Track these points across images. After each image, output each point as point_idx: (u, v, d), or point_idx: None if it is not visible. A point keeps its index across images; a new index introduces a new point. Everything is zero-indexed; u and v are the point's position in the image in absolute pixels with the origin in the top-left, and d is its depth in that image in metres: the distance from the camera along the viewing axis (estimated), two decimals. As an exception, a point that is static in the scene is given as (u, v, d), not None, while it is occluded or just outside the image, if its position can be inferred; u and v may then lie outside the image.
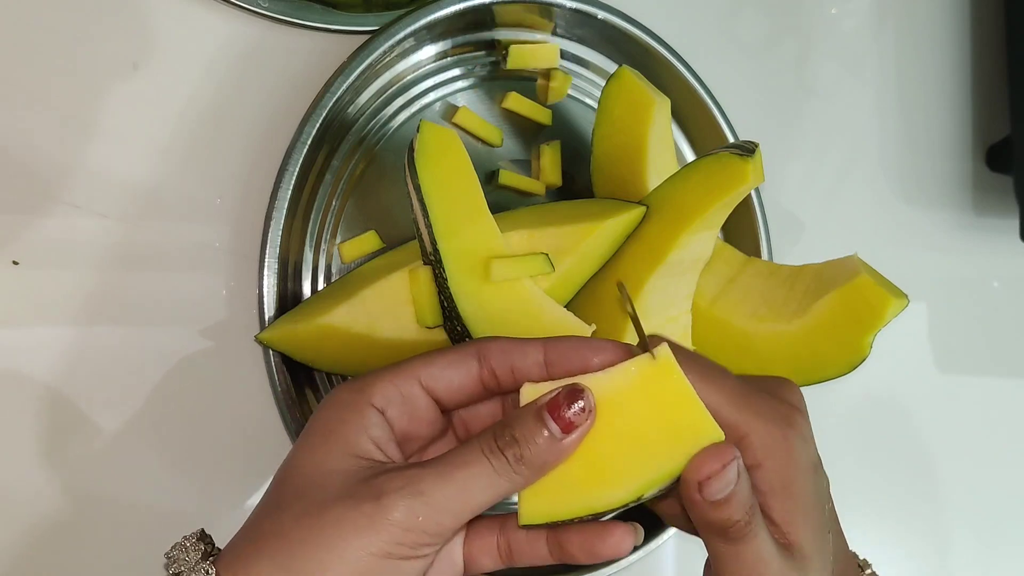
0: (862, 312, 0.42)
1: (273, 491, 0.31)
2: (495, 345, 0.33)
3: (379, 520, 0.28)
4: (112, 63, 0.45)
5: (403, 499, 0.29)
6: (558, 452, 0.30)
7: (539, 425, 0.30)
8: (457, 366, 0.33)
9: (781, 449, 0.32)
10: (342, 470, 0.30)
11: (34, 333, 0.44)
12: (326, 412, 0.32)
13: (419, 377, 0.32)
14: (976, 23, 0.64)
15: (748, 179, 0.41)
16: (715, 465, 0.29)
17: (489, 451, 0.30)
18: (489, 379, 0.33)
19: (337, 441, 0.31)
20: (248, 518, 0.32)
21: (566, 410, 0.30)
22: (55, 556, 0.44)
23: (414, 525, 0.29)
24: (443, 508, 0.29)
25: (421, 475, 0.29)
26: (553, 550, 0.33)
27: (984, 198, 0.63)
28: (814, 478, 0.32)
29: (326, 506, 0.29)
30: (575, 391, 0.30)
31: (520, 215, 0.47)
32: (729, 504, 0.30)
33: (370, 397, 0.31)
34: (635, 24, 0.51)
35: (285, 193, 0.44)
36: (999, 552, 0.63)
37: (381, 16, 0.48)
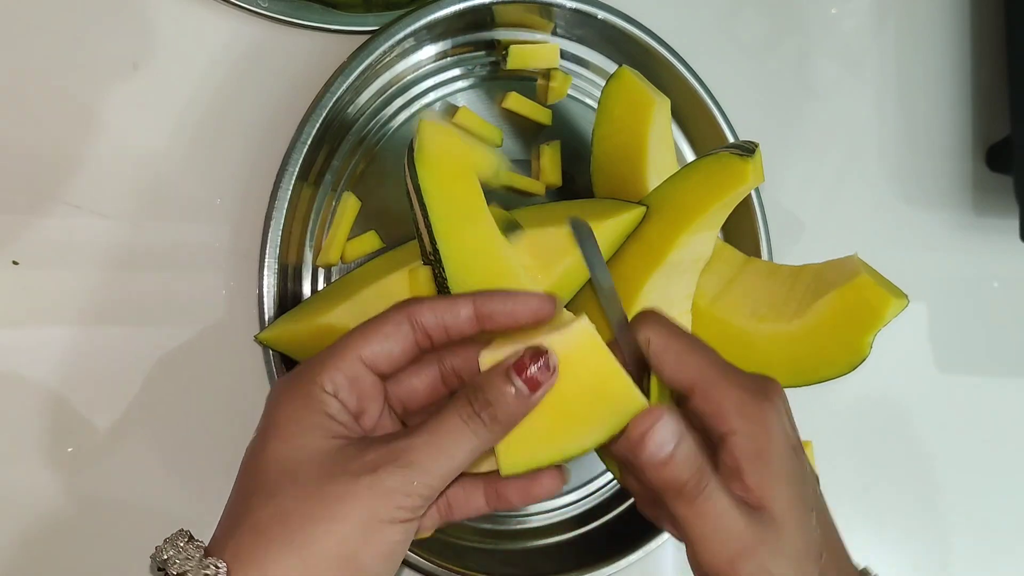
0: (862, 312, 0.42)
1: (251, 482, 0.32)
2: (425, 306, 0.35)
3: (379, 489, 0.31)
4: (112, 63, 0.45)
5: (397, 469, 0.31)
6: (526, 407, 0.33)
7: (507, 385, 0.32)
8: (394, 337, 0.34)
9: (755, 417, 0.33)
10: (326, 450, 0.32)
11: (34, 333, 0.44)
12: (285, 404, 0.33)
13: (360, 356, 0.34)
14: (976, 23, 0.64)
15: (748, 179, 0.41)
16: (647, 421, 0.32)
17: (467, 416, 0.32)
18: (423, 340, 0.35)
19: (310, 426, 0.32)
20: (225, 513, 0.33)
21: (532, 369, 0.33)
22: (55, 555, 0.44)
23: (411, 490, 0.31)
24: (433, 472, 0.32)
25: (409, 445, 0.32)
26: (490, 499, 0.36)
27: (984, 198, 0.63)
28: (790, 453, 0.34)
29: (324, 484, 0.31)
30: (538, 352, 0.33)
31: (521, 215, 0.46)
32: (673, 462, 0.32)
33: (321, 384, 0.33)
34: (635, 24, 0.51)
35: (285, 193, 0.44)
36: (999, 552, 0.63)
37: (381, 16, 0.48)
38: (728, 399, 0.33)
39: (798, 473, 0.34)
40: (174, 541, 0.31)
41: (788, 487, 0.33)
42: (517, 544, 0.50)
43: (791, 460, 0.33)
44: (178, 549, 0.31)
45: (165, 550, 0.31)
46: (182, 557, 0.31)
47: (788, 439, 0.34)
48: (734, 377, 0.34)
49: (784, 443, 0.33)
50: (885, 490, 0.60)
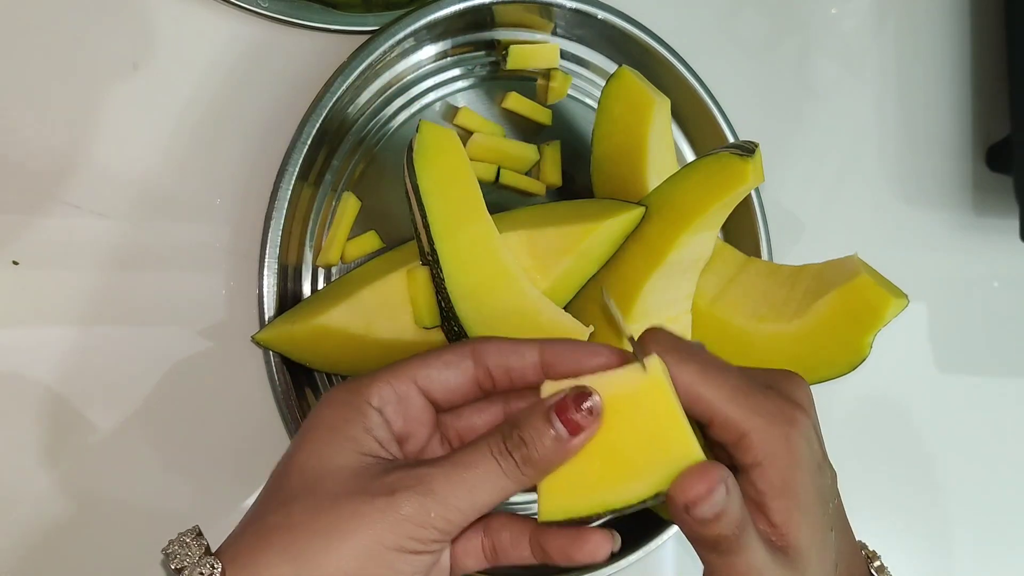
0: (862, 312, 0.42)
1: (276, 487, 0.32)
2: (491, 346, 0.33)
3: (392, 514, 0.29)
4: (112, 63, 0.45)
5: (415, 496, 0.29)
6: (564, 453, 0.31)
7: (546, 426, 0.30)
8: (453, 367, 0.33)
9: (781, 449, 0.31)
10: (350, 466, 0.31)
11: (34, 333, 0.44)
12: (326, 411, 0.33)
13: (415, 378, 0.33)
14: (976, 23, 0.64)
15: (748, 179, 0.41)
16: (700, 488, 0.29)
17: (498, 452, 0.31)
18: (484, 380, 0.33)
19: (342, 438, 0.31)
20: (247, 514, 0.32)
21: (574, 412, 0.30)
22: (54, 555, 0.44)
23: (426, 521, 0.29)
24: (453, 506, 0.30)
25: (432, 474, 0.30)
26: (536, 552, 0.33)
27: (984, 198, 0.63)
28: (816, 477, 0.32)
29: (339, 500, 0.30)
30: (583, 393, 0.31)
31: (520, 215, 0.47)
32: (718, 522, 0.30)
33: (368, 397, 0.32)
34: (635, 24, 0.51)
35: (285, 193, 0.44)
36: (1000, 551, 0.63)
37: (381, 16, 0.48)
38: (754, 431, 0.31)
39: (822, 495, 0.32)
40: (183, 537, 0.31)
41: (812, 517, 0.32)
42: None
43: (815, 484, 0.32)
44: (183, 544, 0.31)
45: (172, 544, 0.31)
46: (183, 553, 0.30)
47: (814, 460, 0.32)
48: (757, 402, 0.32)
49: (811, 469, 0.32)
50: (885, 490, 0.60)
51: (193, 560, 0.30)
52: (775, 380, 0.34)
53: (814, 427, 0.33)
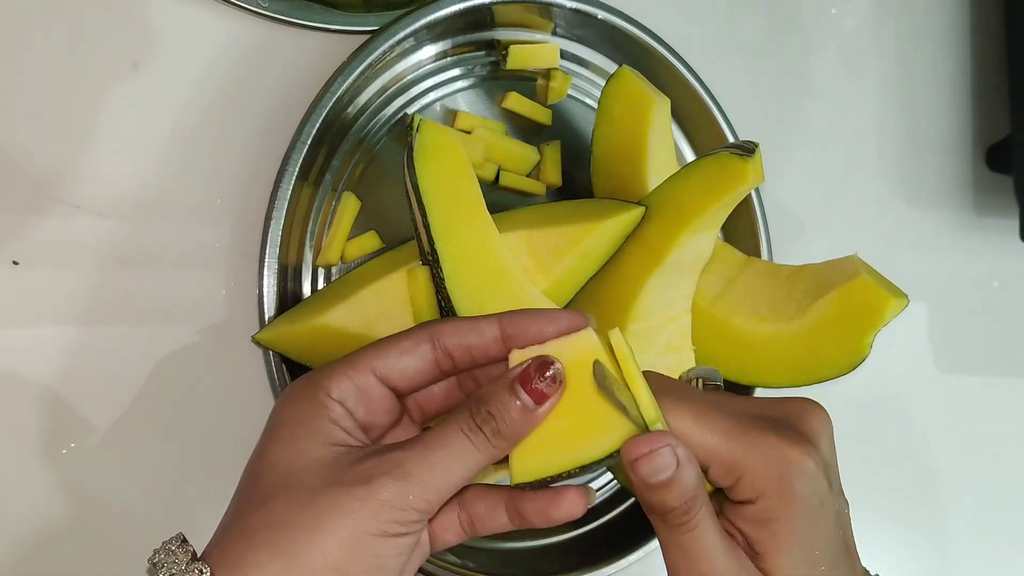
0: (862, 312, 0.42)
1: (251, 486, 0.32)
2: (448, 326, 0.34)
3: (372, 501, 0.30)
4: (112, 63, 0.45)
5: (392, 481, 0.30)
6: (532, 422, 0.32)
7: (512, 397, 0.31)
8: (411, 353, 0.33)
9: (774, 489, 0.31)
10: (324, 458, 0.31)
11: (34, 333, 0.44)
12: (289, 407, 0.33)
13: (373, 368, 0.33)
14: (976, 23, 0.64)
15: (748, 179, 0.41)
16: (643, 448, 0.30)
17: (468, 429, 0.31)
18: (444, 361, 0.34)
19: (311, 432, 0.32)
20: (226, 516, 0.32)
21: (538, 381, 0.31)
22: (53, 556, 0.44)
23: (405, 504, 0.30)
24: (430, 486, 0.31)
25: (406, 457, 0.31)
26: (512, 517, 0.34)
27: (984, 198, 0.63)
28: (814, 515, 0.32)
29: (317, 493, 0.30)
30: (545, 363, 0.32)
31: (520, 215, 0.47)
32: (665, 489, 0.30)
33: (327, 390, 0.32)
34: (635, 24, 0.51)
35: (285, 193, 0.44)
36: (1000, 551, 0.63)
37: (381, 16, 0.48)
38: (748, 473, 0.31)
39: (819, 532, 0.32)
40: (167, 545, 0.31)
41: (799, 555, 0.31)
42: (517, 544, 0.50)
43: (811, 522, 0.32)
44: (168, 552, 0.31)
45: (158, 554, 0.31)
46: (170, 561, 0.30)
47: (815, 497, 0.32)
48: (752, 443, 0.32)
49: (809, 507, 0.32)
50: (885, 490, 0.60)
51: (180, 567, 0.30)
52: (787, 411, 0.34)
53: (821, 461, 0.33)
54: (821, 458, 0.33)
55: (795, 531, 0.31)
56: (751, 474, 0.31)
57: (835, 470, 0.34)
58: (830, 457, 0.34)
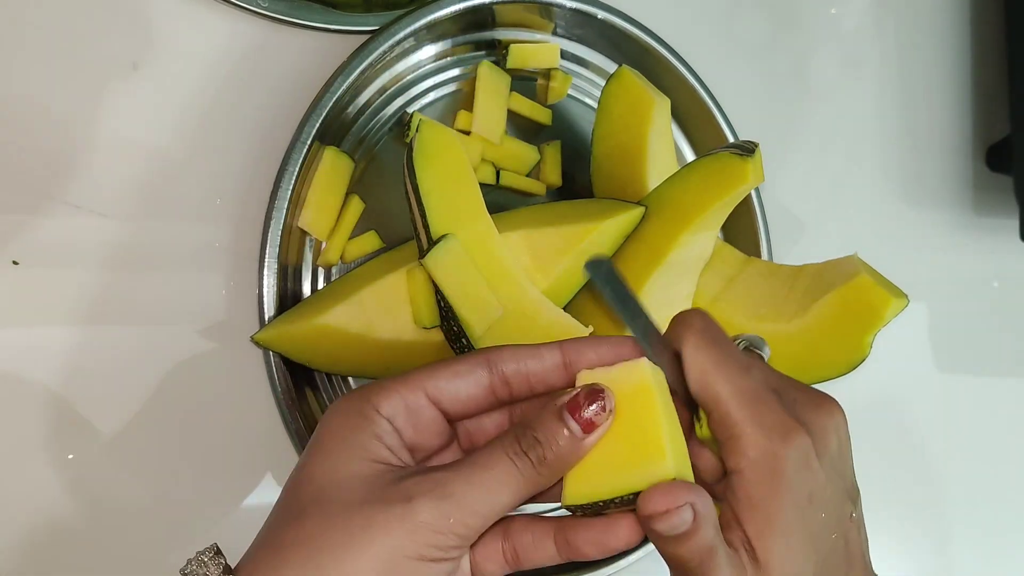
0: (862, 312, 0.42)
1: (288, 500, 0.31)
2: (507, 352, 0.33)
3: (410, 522, 0.28)
4: (112, 63, 0.45)
5: (433, 501, 0.29)
6: (579, 452, 0.31)
7: (560, 425, 0.30)
8: (464, 377, 0.32)
9: (766, 463, 0.31)
10: (362, 475, 0.30)
11: (34, 333, 0.44)
12: (335, 420, 0.32)
13: (424, 388, 0.32)
14: (976, 23, 0.64)
15: (748, 179, 0.41)
16: (660, 505, 0.29)
17: (513, 453, 0.30)
18: (501, 388, 0.33)
19: (353, 447, 0.31)
20: (262, 530, 0.31)
21: (587, 409, 0.30)
22: (55, 556, 0.44)
23: (445, 527, 0.29)
24: (471, 510, 0.29)
25: (449, 478, 0.30)
26: (561, 548, 0.32)
27: (984, 198, 0.63)
28: (802, 504, 0.31)
29: (352, 510, 0.29)
30: (595, 391, 0.30)
31: (520, 215, 0.47)
32: (681, 543, 0.29)
33: (377, 406, 0.31)
34: (635, 24, 0.51)
35: (285, 193, 0.44)
36: (1000, 551, 0.63)
37: (381, 16, 0.48)
38: (744, 437, 0.31)
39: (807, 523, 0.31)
40: (201, 556, 0.30)
41: (791, 540, 0.31)
42: (517, 544, 0.50)
43: (799, 510, 0.31)
44: (201, 564, 0.30)
45: (191, 564, 0.30)
46: (202, 573, 0.30)
47: (803, 484, 0.31)
48: (760, 411, 0.31)
49: (792, 490, 0.31)
50: (885, 490, 0.60)
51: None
52: (803, 399, 0.33)
53: (821, 456, 0.32)
54: (820, 452, 0.32)
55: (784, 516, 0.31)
56: (746, 439, 0.31)
57: (843, 469, 0.33)
58: (836, 455, 0.33)
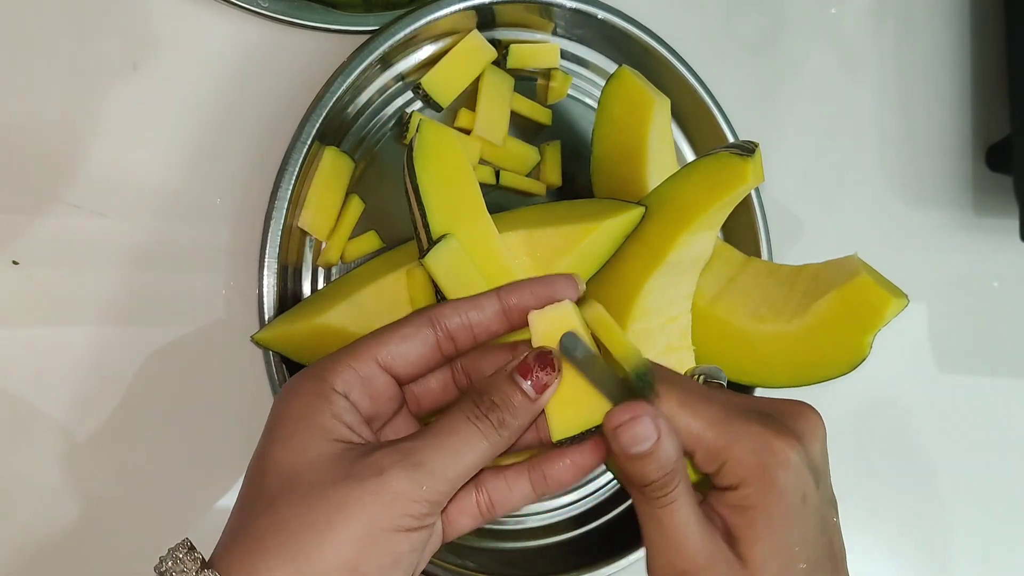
0: (862, 312, 0.42)
1: (255, 487, 0.31)
2: (447, 308, 0.34)
3: (384, 494, 0.29)
4: (112, 63, 0.45)
5: (404, 471, 0.29)
6: (535, 410, 0.32)
7: (514, 388, 0.32)
8: (412, 338, 0.33)
9: (755, 477, 0.31)
10: (327, 454, 0.30)
11: (33, 333, 0.44)
12: (291, 402, 0.32)
13: (376, 356, 0.33)
14: (976, 23, 0.64)
15: (748, 179, 0.41)
16: (623, 416, 0.31)
17: (475, 417, 0.31)
18: (446, 343, 0.34)
19: (313, 428, 0.31)
20: (230, 522, 0.31)
21: (538, 372, 0.32)
22: (54, 557, 0.44)
23: (419, 495, 0.29)
24: (442, 476, 0.30)
25: (417, 447, 0.30)
26: (537, 484, 0.34)
27: (984, 198, 0.63)
28: (795, 509, 0.32)
29: (325, 489, 0.29)
30: (543, 354, 0.32)
31: (520, 215, 0.46)
32: (645, 460, 0.31)
33: (331, 383, 0.32)
34: (635, 24, 0.51)
35: (285, 193, 0.44)
36: (1000, 551, 0.63)
37: (381, 16, 0.48)
38: (730, 459, 0.32)
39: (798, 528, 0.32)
40: (174, 552, 0.30)
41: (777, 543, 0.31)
42: (517, 544, 0.50)
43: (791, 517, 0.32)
44: (176, 560, 0.30)
45: (165, 562, 0.30)
46: (179, 569, 0.29)
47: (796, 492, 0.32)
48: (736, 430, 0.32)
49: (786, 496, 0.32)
50: (885, 490, 0.60)
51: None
52: (779, 409, 0.34)
53: (807, 458, 0.32)
54: (808, 456, 0.33)
55: (772, 521, 0.31)
56: (733, 460, 0.32)
57: (825, 475, 0.34)
58: (820, 460, 0.33)
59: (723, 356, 0.46)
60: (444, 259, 0.40)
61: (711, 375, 0.37)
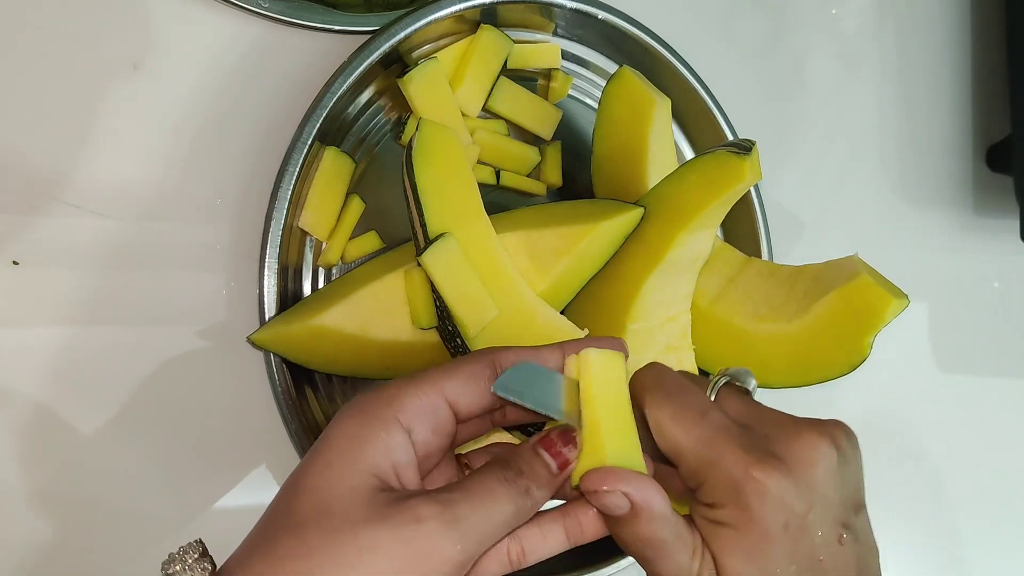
0: (862, 312, 0.42)
1: (284, 507, 0.29)
2: (511, 353, 0.33)
3: (418, 546, 0.28)
4: (112, 63, 0.45)
5: (442, 525, 0.28)
6: (558, 482, 0.32)
7: (539, 459, 0.31)
8: (477, 378, 0.32)
9: (731, 502, 0.31)
10: (365, 489, 0.29)
11: (34, 333, 0.44)
12: (346, 423, 0.31)
13: (443, 390, 0.32)
14: (976, 23, 0.64)
15: (745, 177, 0.41)
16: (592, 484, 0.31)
17: (505, 479, 0.31)
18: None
19: (358, 458, 0.30)
20: (254, 533, 0.30)
21: (560, 447, 0.32)
22: (54, 557, 0.44)
23: (451, 554, 0.28)
24: (475, 536, 0.29)
25: (455, 499, 0.29)
26: (572, 533, 0.33)
27: (984, 198, 0.63)
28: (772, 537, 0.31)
29: (357, 527, 0.28)
30: (566, 432, 0.32)
31: (519, 215, 0.47)
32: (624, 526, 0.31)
33: (398, 412, 0.30)
34: (635, 24, 0.51)
35: (285, 193, 0.44)
36: (1001, 551, 0.63)
37: (381, 16, 0.48)
38: (707, 482, 0.32)
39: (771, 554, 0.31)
40: (184, 555, 0.29)
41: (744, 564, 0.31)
42: (517, 544, 0.50)
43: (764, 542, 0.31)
44: (186, 565, 0.29)
45: (172, 564, 0.29)
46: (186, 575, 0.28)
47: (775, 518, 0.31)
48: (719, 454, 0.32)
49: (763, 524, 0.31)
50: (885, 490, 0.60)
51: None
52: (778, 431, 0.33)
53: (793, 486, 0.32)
54: (797, 483, 0.32)
55: (746, 543, 0.31)
56: (711, 482, 0.32)
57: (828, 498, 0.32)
58: (823, 486, 0.32)
59: (723, 356, 0.47)
60: (441, 258, 0.40)
61: (737, 378, 0.36)
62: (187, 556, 0.29)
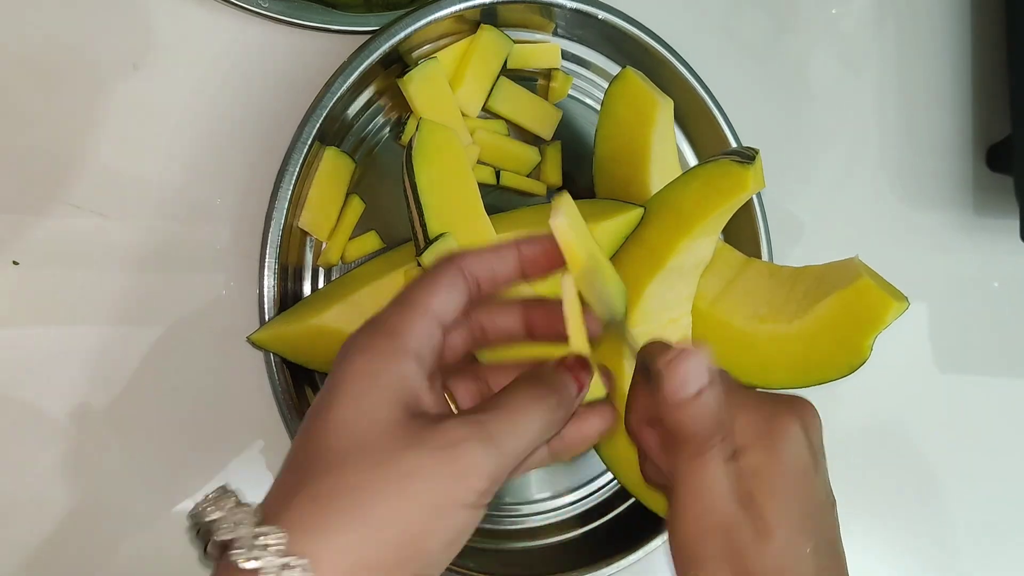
0: (863, 314, 0.42)
1: (314, 444, 0.29)
2: (473, 256, 0.33)
3: (457, 467, 0.28)
4: (112, 63, 0.45)
5: (480, 444, 0.28)
6: (578, 403, 0.33)
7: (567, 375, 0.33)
8: (457, 288, 0.32)
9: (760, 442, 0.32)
10: (398, 418, 0.29)
11: (34, 333, 0.44)
12: (356, 359, 0.30)
13: (432, 309, 0.31)
14: (976, 23, 0.64)
15: (748, 186, 0.41)
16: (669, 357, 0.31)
17: (538, 396, 0.31)
18: (474, 290, 0.33)
19: (383, 388, 0.29)
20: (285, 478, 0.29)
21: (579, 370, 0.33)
22: (54, 557, 0.44)
23: (488, 472, 0.29)
24: (510, 452, 0.29)
25: (489, 419, 0.29)
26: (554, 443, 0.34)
27: (984, 198, 0.63)
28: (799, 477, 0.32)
29: (395, 454, 0.28)
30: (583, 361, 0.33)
31: (519, 215, 0.47)
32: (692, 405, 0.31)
33: (406, 341, 0.30)
34: (635, 24, 0.51)
35: (285, 193, 0.44)
36: (1000, 551, 0.63)
37: (381, 16, 0.48)
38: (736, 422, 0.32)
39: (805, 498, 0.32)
40: (218, 501, 0.28)
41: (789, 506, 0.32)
42: (517, 544, 0.50)
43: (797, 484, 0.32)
44: (227, 511, 0.27)
45: (208, 511, 0.27)
46: (230, 523, 0.27)
47: (799, 462, 0.32)
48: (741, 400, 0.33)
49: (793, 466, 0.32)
50: (885, 490, 0.60)
51: (246, 530, 0.26)
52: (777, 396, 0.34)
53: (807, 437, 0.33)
54: (807, 435, 0.33)
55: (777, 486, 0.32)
56: (739, 427, 0.32)
57: (823, 465, 0.34)
58: (819, 446, 0.34)
59: (724, 357, 0.47)
60: None
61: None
62: (223, 503, 0.28)
